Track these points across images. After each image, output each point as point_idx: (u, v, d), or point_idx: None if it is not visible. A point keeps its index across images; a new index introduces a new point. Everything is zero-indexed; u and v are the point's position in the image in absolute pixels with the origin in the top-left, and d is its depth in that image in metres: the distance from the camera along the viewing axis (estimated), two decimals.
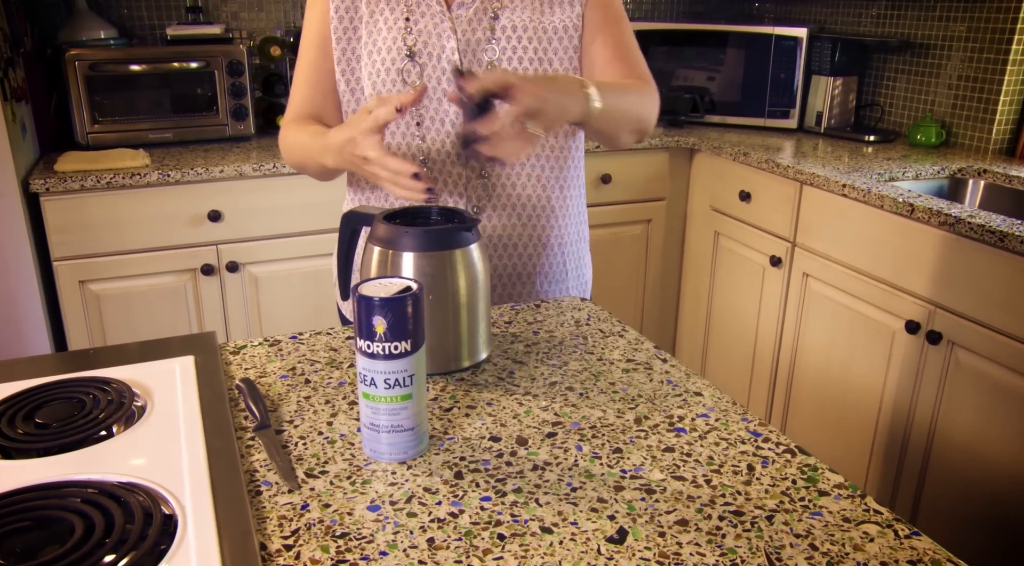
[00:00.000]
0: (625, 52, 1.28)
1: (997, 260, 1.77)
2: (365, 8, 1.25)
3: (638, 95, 1.23)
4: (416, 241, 1.01)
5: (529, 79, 1.04)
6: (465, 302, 1.04)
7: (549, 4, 1.25)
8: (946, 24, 2.58)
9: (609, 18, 1.28)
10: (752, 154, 2.47)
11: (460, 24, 1.23)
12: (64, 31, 2.43)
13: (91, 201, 2.15)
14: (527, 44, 1.24)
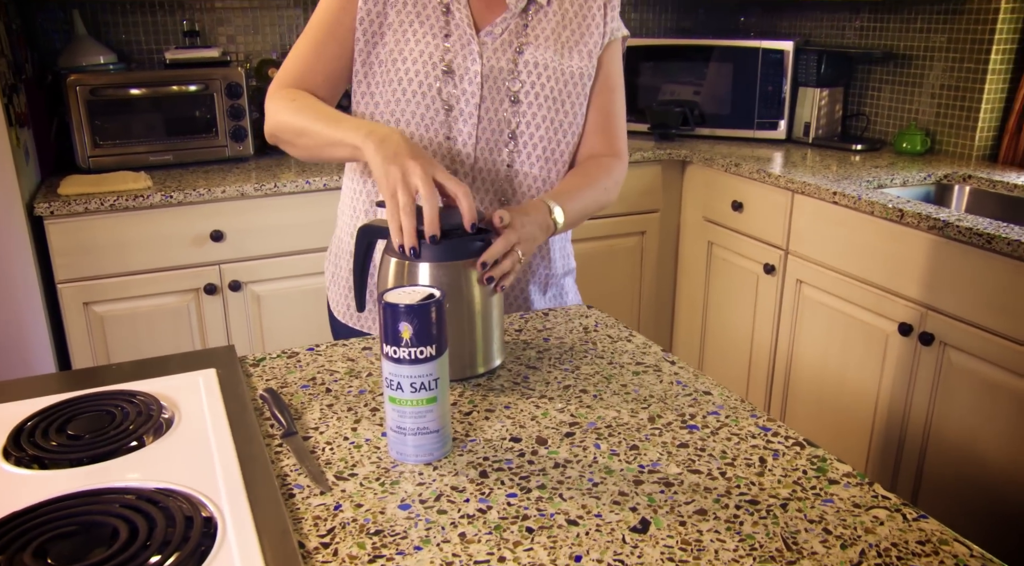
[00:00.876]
0: (611, 123, 1.37)
1: (985, 262, 1.83)
2: (395, 16, 1.27)
3: (602, 189, 1.33)
4: (432, 252, 1.05)
5: (513, 221, 1.11)
6: (480, 310, 1.08)
7: (569, 50, 1.30)
8: (927, 35, 2.65)
9: (608, 85, 1.36)
10: (743, 165, 2.52)
11: (486, 50, 1.27)
12: (64, 57, 2.47)
13: (95, 223, 2.18)
14: (546, 82, 1.29)
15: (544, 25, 1.30)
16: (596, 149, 1.37)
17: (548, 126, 1.31)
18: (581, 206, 1.29)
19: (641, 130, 2.98)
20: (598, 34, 1.34)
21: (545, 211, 1.21)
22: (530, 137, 1.31)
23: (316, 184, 2.34)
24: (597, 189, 1.33)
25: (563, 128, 1.32)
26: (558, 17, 1.31)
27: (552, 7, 1.31)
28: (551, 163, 1.34)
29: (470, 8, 1.27)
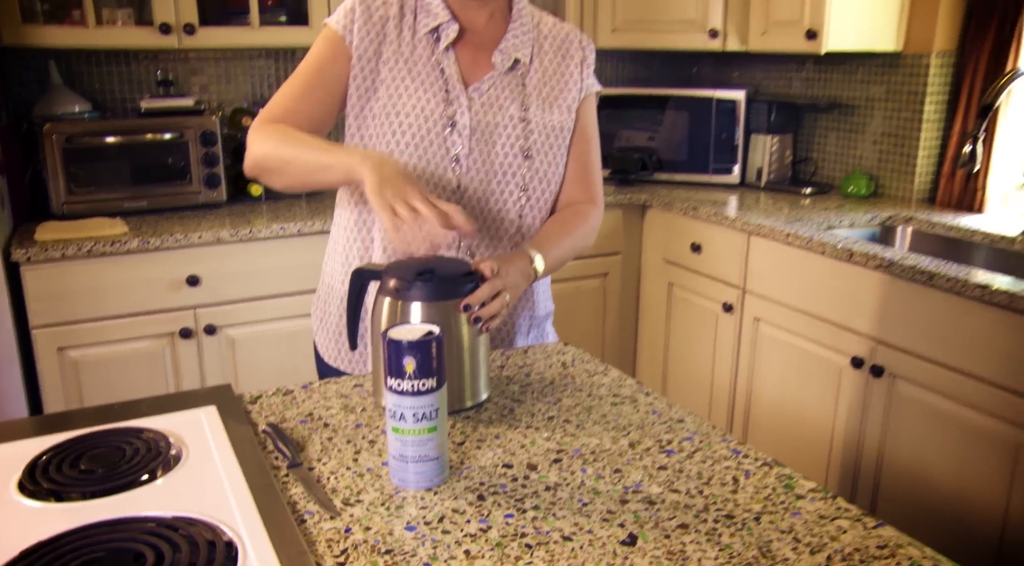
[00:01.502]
0: (588, 172, 1.47)
1: (928, 297, 1.95)
2: (387, 73, 1.35)
3: (580, 235, 1.43)
4: (424, 292, 1.12)
5: (499, 269, 1.19)
6: (468, 347, 1.15)
7: (550, 105, 1.40)
8: (867, 86, 2.83)
9: (585, 136, 1.46)
10: (701, 208, 2.65)
11: (474, 105, 1.36)
12: (39, 106, 2.51)
13: (71, 269, 2.21)
14: (531, 137, 1.39)
15: (527, 83, 1.40)
16: (575, 196, 1.47)
17: (532, 176, 1.41)
18: (560, 253, 1.38)
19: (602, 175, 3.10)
20: (576, 89, 1.44)
21: (527, 259, 1.30)
22: (515, 186, 1.40)
23: (290, 230, 2.40)
24: (575, 236, 1.42)
25: (548, 178, 1.42)
26: (539, 74, 1.41)
27: (534, 65, 1.41)
28: (535, 210, 1.43)
29: (459, 66, 1.37)
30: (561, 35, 1.45)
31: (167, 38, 2.46)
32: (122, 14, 2.47)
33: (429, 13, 1.36)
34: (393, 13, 1.36)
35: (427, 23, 1.36)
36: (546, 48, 1.43)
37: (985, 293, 1.82)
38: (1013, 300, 1.77)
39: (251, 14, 2.56)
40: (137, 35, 2.46)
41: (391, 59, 1.35)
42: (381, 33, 1.36)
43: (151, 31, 2.45)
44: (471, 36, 1.39)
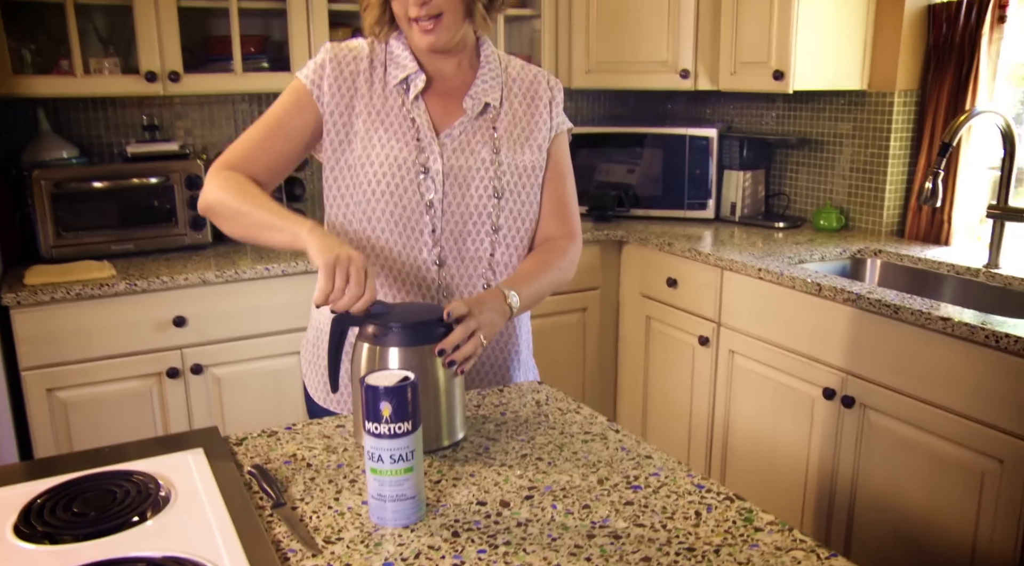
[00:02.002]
0: (564, 207, 1.53)
1: (894, 330, 2.02)
2: (361, 125, 1.42)
3: (557, 270, 1.47)
4: (400, 337, 1.18)
5: (470, 310, 1.24)
6: (444, 389, 1.21)
7: (521, 145, 1.47)
8: (835, 123, 2.92)
9: (559, 172, 1.53)
10: (676, 244, 2.72)
11: (446, 151, 1.42)
12: (28, 152, 2.56)
13: (60, 312, 2.25)
14: (503, 177, 1.45)
15: (497, 126, 1.47)
16: (552, 231, 1.52)
17: (508, 216, 1.47)
18: (536, 289, 1.43)
19: (580, 212, 3.17)
20: (546, 129, 1.51)
21: (501, 298, 1.35)
22: (488, 226, 1.46)
23: (275, 270, 2.45)
24: (552, 272, 1.47)
25: (522, 217, 1.48)
26: (509, 117, 1.48)
27: (504, 108, 1.48)
28: (511, 248, 1.48)
29: (429, 114, 1.44)
30: (529, 77, 1.52)
31: (153, 85, 2.53)
32: (109, 63, 2.54)
33: (398, 65, 1.43)
34: (363, 67, 1.44)
35: (396, 75, 1.43)
36: (515, 91, 1.50)
37: (947, 325, 1.89)
38: (973, 332, 1.84)
39: (234, 61, 2.63)
40: (123, 83, 2.53)
41: (363, 112, 1.42)
42: (352, 87, 1.43)
43: (137, 79, 2.52)
44: (441, 84, 1.46)
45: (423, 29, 1.35)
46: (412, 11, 1.35)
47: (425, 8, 1.33)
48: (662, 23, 3.00)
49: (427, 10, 1.34)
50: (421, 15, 1.34)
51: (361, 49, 1.46)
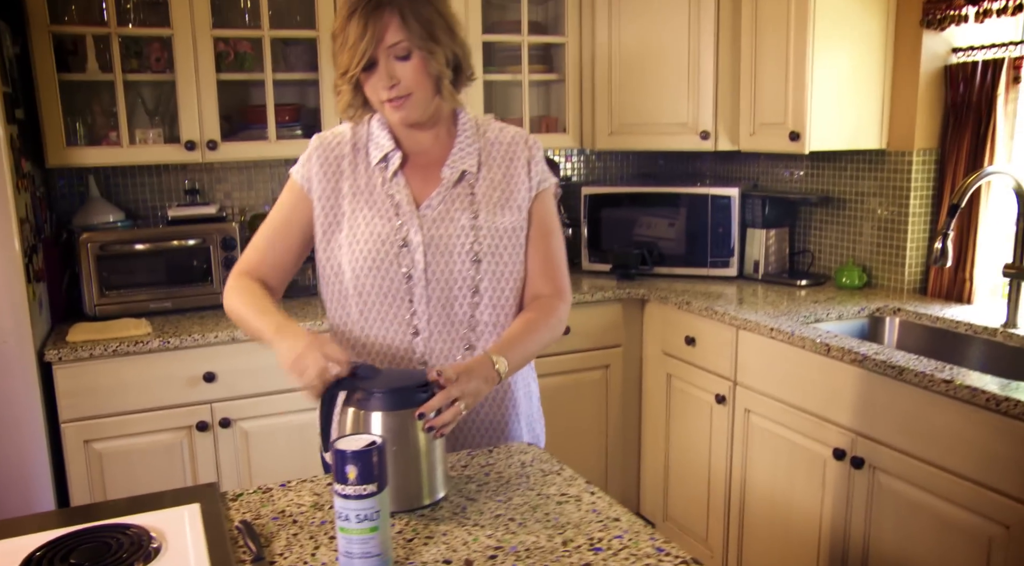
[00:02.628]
0: (551, 267, 1.58)
1: (899, 391, 2.03)
2: (348, 206, 1.52)
3: (545, 330, 1.53)
4: (383, 403, 1.26)
5: (457, 377, 1.31)
6: (424, 450, 1.28)
7: (500, 208, 1.53)
8: (856, 181, 2.95)
9: (543, 231, 1.58)
10: (694, 303, 2.76)
11: (426, 222, 1.51)
12: (78, 216, 2.74)
13: (98, 367, 2.39)
14: (483, 241, 1.51)
15: (476, 191, 1.54)
16: (541, 290, 1.58)
17: (491, 279, 1.53)
18: (524, 350, 1.49)
19: (603, 270, 3.24)
20: (525, 189, 1.56)
21: (488, 364, 1.40)
22: (468, 290, 1.52)
23: None
24: (540, 332, 1.52)
25: (504, 278, 1.54)
26: (487, 181, 1.55)
27: (481, 173, 1.55)
28: (499, 310, 1.55)
29: (410, 188, 1.53)
30: (507, 139, 1.58)
31: (192, 154, 2.70)
32: (153, 133, 2.72)
33: (377, 145, 1.54)
34: (347, 151, 1.55)
35: (376, 154, 1.53)
36: (494, 155, 1.56)
37: (950, 388, 1.89)
38: (975, 395, 1.84)
39: (268, 129, 2.79)
40: (165, 152, 2.71)
41: (349, 193, 1.52)
42: (338, 171, 1.54)
43: (178, 148, 2.69)
44: (420, 158, 1.55)
45: (394, 107, 1.45)
46: (383, 94, 1.44)
47: (395, 90, 1.43)
48: (682, 85, 3.08)
49: (397, 92, 1.43)
50: (392, 96, 1.43)
51: (344, 134, 1.57)
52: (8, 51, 2.37)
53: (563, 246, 1.63)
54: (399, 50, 1.41)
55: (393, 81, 1.42)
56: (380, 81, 1.43)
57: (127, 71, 2.67)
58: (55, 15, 2.59)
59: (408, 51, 1.41)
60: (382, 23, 1.39)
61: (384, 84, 1.42)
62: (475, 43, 3.00)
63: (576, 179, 3.66)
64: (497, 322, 1.55)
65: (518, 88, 3.22)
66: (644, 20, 3.10)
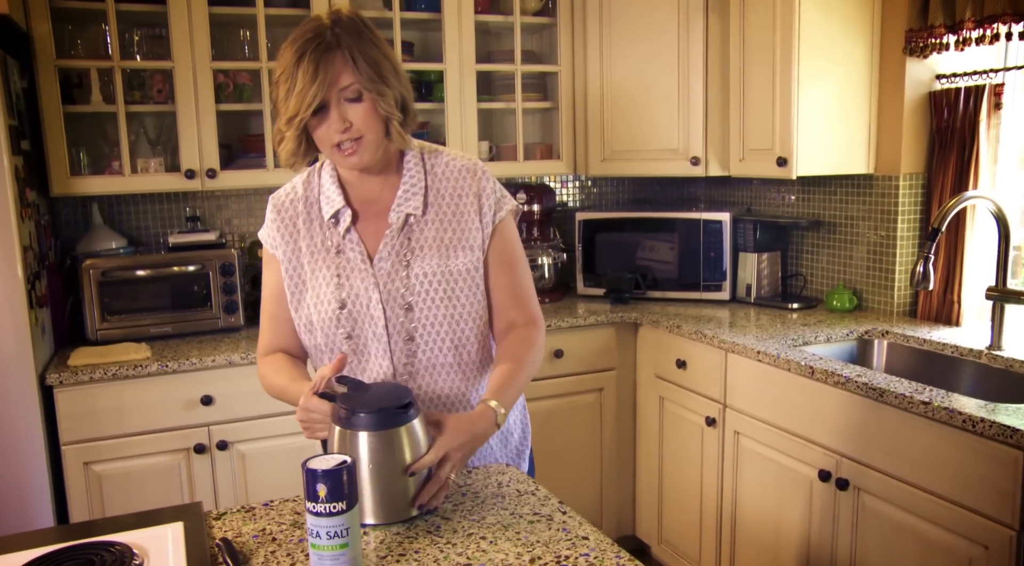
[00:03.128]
0: (520, 296, 1.59)
1: (881, 413, 2.06)
2: (307, 268, 1.55)
3: (531, 364, 1.55)
4: (368, 422, 1.30)
5: (456, 444, 1.36)
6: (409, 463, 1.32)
7: (454, 250, 1.53)
8: (846, 205, 2.99)
9: (506, 261, 1.57)
10: (684, 326, 2.79)
11: (381, 277, 1.52)
12: (82, 243, 2.81)
13: (98, 391, 2.44)
14: (437, 287, 1.52)
15: (426, 234, 1.53)
16: (513, 321, 1.58)
17: (449, 323, 1.54)
18: (516, 390, 1.52)
19: (598, 294, 3.28)
20: (476, 229, 1.54)
21: (491, 415, 1.43)
22: (435, 334, 1.54)
23: None
24: (527, 367, 1.54)
25: (463, 319, 1.55)
26: (437, 223, 1.53)
27: (430, 215, 1.54)
28: (461, 350, 1.56)
29: (363, 243, 1.53)
30: (454, 175, 1.56)
31: (191, 182, 2.77)
32: (154, 162, 2.79)
33: (328, 200, 1.54)
34: (300, 209, 1.56)
35: (328, 211, 1.54)
36: (442, 192, 1.54)
37: (928, 409, 1.92)
38: (952, 417, 1.87)
39: (267, 157, 2.86)
40: (166, 181, 2.78)
41: (307, 252, 1.55)
42: (295, 231, 1.56)
43: (178, 176, 2.77)
44: (370, 208, 1.55)
45: (346, 152, 1.43)
46: (335, 137, 1.42)
47: (347, 133, 1.41)
48: (672, 112, 3.14)
49: (349, 135, 1.41)
50: (344, 140, 1.42)
51: (296, 191, 1.58)
52: (15, 85, 2.45)
53: (529, 273, 1.62)
54: (350, 93, 1.40)
55: (345, 124, 1.41)
56: (332, 125, 1.41)
57: (130, 102, 2.76)
58: (61, 50, 2.67)
59: (359, 94, 1.40)
60: (334, 67, 1.38)
61: (337, 128, 1.41)
62: (470, 72, 3.07)
63: (572, 204, 3.71)
64: (460, 364, 1.57)
65: (512, 116, 3.29)
66: (635, 49, 3.16)
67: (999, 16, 2.34)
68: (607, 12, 3.17)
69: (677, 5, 3.07)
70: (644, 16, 3.13)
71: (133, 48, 2.84)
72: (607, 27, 3.18)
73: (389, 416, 1.31)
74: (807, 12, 2.68)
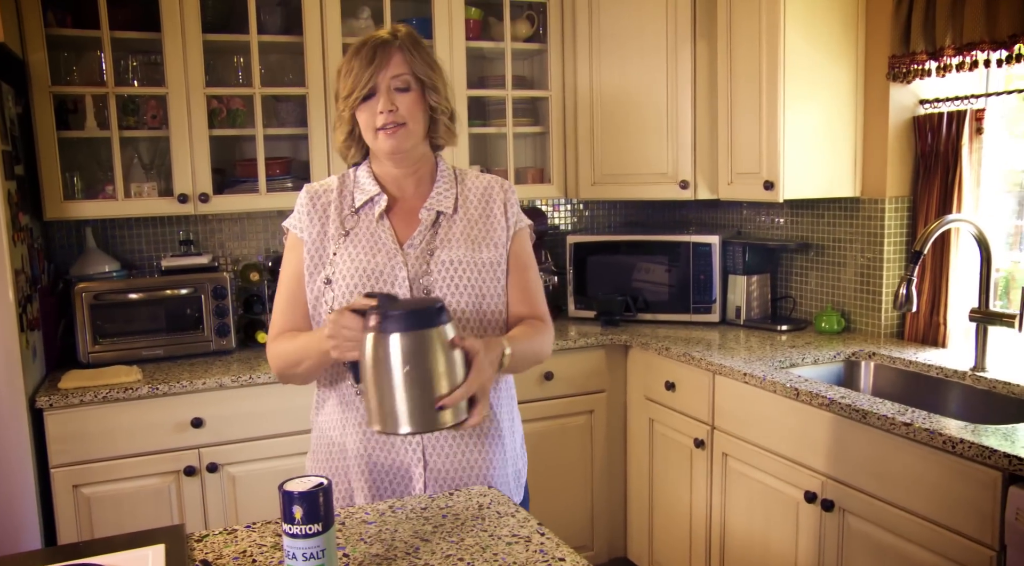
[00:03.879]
0: (531, 295, 1.70)
1: (865, 435, 2.07)
2: (333, 245, 1.63)
3: (539, 337, 1.64)
4: (401, 324, 1.32)
5: (487, 376, 1.43)
6: (444, 371, 1.35)
7: (479, 244, 1.64)
8: (833, 228, 3.02)
9: (520, 265, 1.69)
10: (672, 348, 2.81)
11: (410, 259, 1.61)
12: (75, 266, 2.84)
13: (88, 414, 2.45)
14: (463, 274, 1.62)
15: (455, 230, 1.65)
16: (524, 315, 1.69)
17: (474, 310, 1.62)
18: (524, 349, 1.59)
19: (589, 317, 3.30)
20: (502, 228, 1.68)
21: (500, 347, 1.50)
22: (461, 321, 1.61)
23: None
24: (536, 342, 1.64)
25: (486, 309, 1.63)
26: (464, 221, 1.66)
27: (459, 215, 1.66)
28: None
29: (394, 230, 1.63)
30: (483, 185, 1.71)
31: (184, 206, 2.80)
32: (148, 187, 2.82)
33: (363, 190, 1.65)
34: (333, 197, 1.66)
35: (360, 198, 1.65)
36: (471, 199, 1.69)
37: (910, 431, 1.94)
38: (932, 438, 1.88)
39: (259, 181, 2.90)
40: (159, 205, 2.81)
41: (335, 234, 1.63)
42: (325, 215, 1.65)
43: (171, 201, 2.80)
44: (402, 203, 1.67)
45: (387, 134, 1.56)
46: (379, 120, 1.56)
47: (392, 116, 1.55)
48: (661, 137, 3.17)
49: (393, 118, 1.55)
50: (388, 122, 1.55)
51: (331, 182, 1.70)
52: (10, 111, 2.48)
53: (539, 279, 1.75)
54: (400, 82, 1.55)
55: (391, 107, 1.55)
56: (380, 106, 1.55)
57: (124, 128, 2.79)
58: (56, 76, 2.72)
59: (408, 84, 1.56)
60: (388, 55, 1.55)
61: (383, 107, 1.54)
62: (461, 97, 3.11)
63: (564, 227, 3.74)
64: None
65: (504, 140, 3.33)
66: (624, 74, 3.20)
67: (977, 44, 2.38)
68: (597, 37, 3.22)
69: (665, 31, 3.11)
70: (633, 42, 3.17)
71: (128, 74, 2.88)
72: (597, 53, 3.23)
73: (422, 317, 1.33)
74: (792, 37, 2.72)
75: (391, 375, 1.33)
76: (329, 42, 2.92)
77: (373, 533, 1.39)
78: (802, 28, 2.74)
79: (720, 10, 2.98)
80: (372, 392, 1.36)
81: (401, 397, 1.33)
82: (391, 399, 1.34)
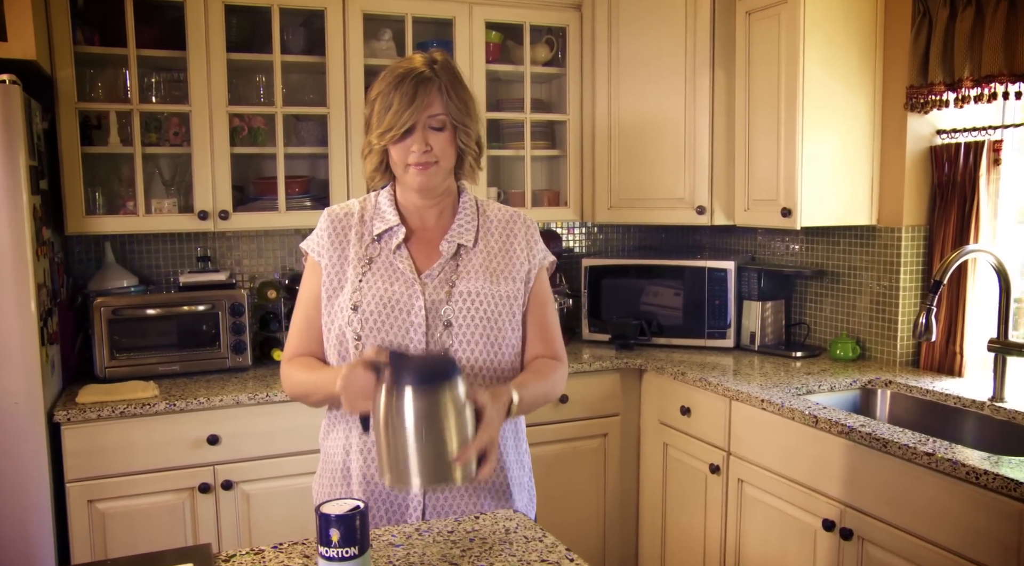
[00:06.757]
0: (548, 332, 1.71)
1: (885, 463, 2.07)
2: (351, 271, 1.63)
3: (552, 377, 1.66)
4: (414, 379, 1.33)
5: (496, 429, 1.43)
6: (455, 429, 1.35)
7: (498, 277, 1.64)
8: (849, 256, 3.02)
9: (539, 301, 1.70)
10: (688, 373, 2.81)
11: (427, 289, 1.61)
12: (94, 281, 2.85)
13: (105, 428, 2.46)
14: (479, 306, 1.62)
15: (474, 262, 1.65)
16: (540, 353, 1.70)
17: (488, 343, 1.61)
18: (534, 393, 1.59)
19: (603, 340, 3.31)
20: (524, 263, 1.68)
21: (508, 397, 1.50)
22: (471, 353, 1.60)
23: None
24: (547, 384, 1.64)
25: (501, 343, 1.63)
26: (485, 254, 1.67)
27: (479, 247, 1.67)
28: (496, 372, 1.62)
29: (413, 260, 1.64)
30: (505, 218, 1.72)
31: (204, 223, 2.81)
32: (168, 203, 2.84)
33: (383, 219, 1.66)
34: (354, 222, 1.67)
35: (380, 227, 1.65)
36: (492, 231, 1.70)
37: (932, 461, 1.93)
38: (955, 468, 1.88)
39: (279, 200, 2.91)
40: (179, 221, 2.83)
41: (354, 259, 1.64)
42: (345, 240, 1.66)
43: (191, 217, 2.81)
44: (423, 234, 1.67)
45: (419, 169, 1.58)
46: (412, 158, 1.57)
47: (425, 155, 1.57)
48: (678, 162, 3.19)
49: (426, 157, 1.57)
50: (421, 161, 1.57)
51: (353, 206, 1.70)
52: (37, 127, 2.50)
53: (557, 316, 1.75)
54: (436, 121, 1.57)
55: (426, 148, 1.56)
56: (415, 145, 1.56)
57: (146, 144, 2.81)
58: (82, 93, 2.74)
59: (443, 124, 1.57)
60: (429, 95, 1.55)
61: (418, 149, 1.56)
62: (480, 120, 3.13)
63: (578, 250, 3.75)
64: (494, 384, 1.62)
65: (521, 163, 3.34)
66: (642, 100, 3.23)
67: (996, 76, 2.40)
68: (616, 62, 3.25)
69: (684, 58, 3.14)
70: (652, 69, 3.20)
71: (151, 91, 2.90)
72: (615, 79, 3.26)
73: (435, 374, 1.34)
74: (811, 66, 2.75)
75: (404, 431, 1.33)
76: (351, 63, 2.95)
77: (401, 556, 1.39)
78: (821, 57, 2.76)
79: (739, 38, 3.01)
80: (383, 447, 1.36)
81: (413, 453, 1.33)
82: (403, 454, 1.34)
